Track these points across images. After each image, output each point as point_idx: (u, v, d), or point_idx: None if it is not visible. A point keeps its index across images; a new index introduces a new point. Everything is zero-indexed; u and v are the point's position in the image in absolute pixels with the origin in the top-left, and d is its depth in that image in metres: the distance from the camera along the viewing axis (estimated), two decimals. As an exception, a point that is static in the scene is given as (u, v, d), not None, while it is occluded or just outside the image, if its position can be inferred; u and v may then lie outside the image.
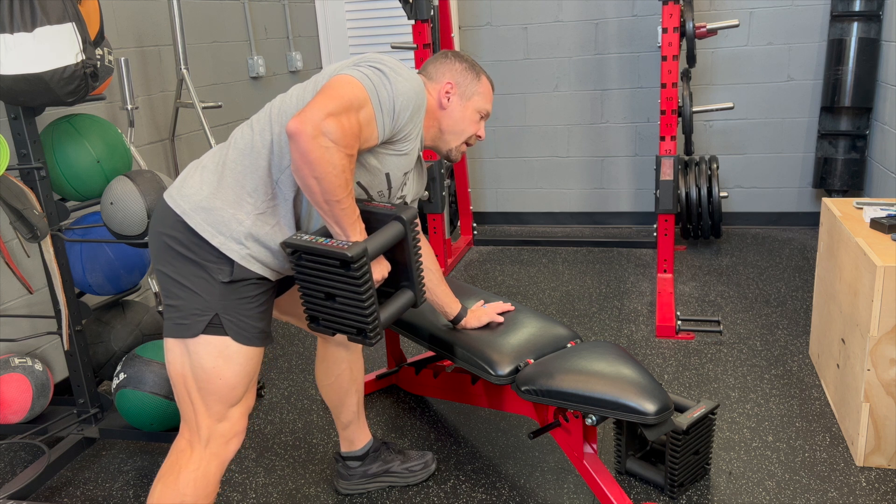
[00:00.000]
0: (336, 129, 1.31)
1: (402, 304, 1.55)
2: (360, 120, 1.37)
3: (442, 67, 1.66)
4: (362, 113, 1.38)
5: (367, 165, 1.51)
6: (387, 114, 1.42)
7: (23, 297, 2.50)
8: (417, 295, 1.57)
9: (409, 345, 2.91)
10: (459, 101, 1.65)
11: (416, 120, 1.50)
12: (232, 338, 1.44)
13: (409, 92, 1.45)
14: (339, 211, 1.37)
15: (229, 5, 3.69)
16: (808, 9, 3.90)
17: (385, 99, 1.41)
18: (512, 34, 4.32)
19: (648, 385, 1.71)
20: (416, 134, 1.53)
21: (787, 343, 2.82)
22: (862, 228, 2.18)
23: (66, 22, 1.84)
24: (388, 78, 1.42)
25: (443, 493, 2.04)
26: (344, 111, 1.34)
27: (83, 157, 2.13)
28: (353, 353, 1.96)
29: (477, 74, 1.68)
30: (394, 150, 1.51)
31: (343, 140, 1.32)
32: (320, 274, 1.43)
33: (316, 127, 1.29)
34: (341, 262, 1.38)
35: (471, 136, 1.69)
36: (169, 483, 1.47)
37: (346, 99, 1.36)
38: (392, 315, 1.52)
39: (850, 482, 1.99)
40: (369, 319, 1.43)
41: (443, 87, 1.63)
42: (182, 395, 1.48)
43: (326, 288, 1.44)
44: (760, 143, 4.18)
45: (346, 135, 1.33)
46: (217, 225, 1.43)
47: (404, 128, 1.47)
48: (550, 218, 4.63)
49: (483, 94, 1.68)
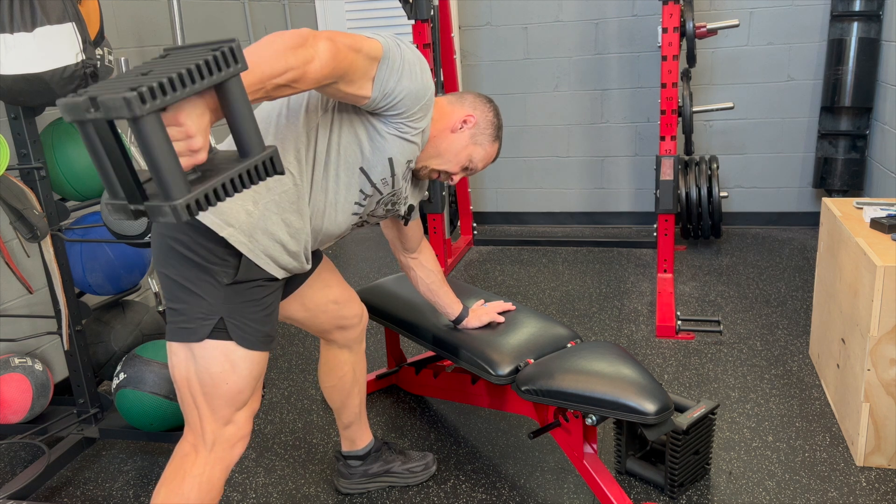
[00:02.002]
0: (330, 50, 1.24)
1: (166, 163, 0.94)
2: (357, 62, 1.32)
3: (476, 102, 1.67)
4: (364, 60, 1.33)
5: (368, 147, 1.48)
6: (393, 71, 1.38)
7: (23, 297, 2.50)
8: (184, 194, 0.95)
9: (409, 345, 2.91)
10: (468, 138, 1.64)
11: (419, 100, 1.46)
12: (237, 342, 1.42)
13: (416, 66, 1.42)
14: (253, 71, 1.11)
15: (229, 5, 3.69)
16: (808, 9, 3.90)
17: (395, 59, 1.38)
18: (512, 34, 4.32)
19: (648, 385, 1.71)
20: (421, 119, 1.50)
21: (787, 343, 2.82)
22: (862, 228, 2.18)
23: (66, 22, 1.84)
24: (399, 46, 1.41)
25: (443, 493, 2.04)
26: (351, 48, 1.29)
27: (83, 157, 2.13)
28: (356, 354, 1.96)
29: (496, 136, 1.69)
30: (396, 130, 1.48)
31: (328, 60, 1.24)
32: (169, 57, 1.04)
33: (317, 35, 1.23)
34: (218, 47, 0.99)
35: (449, 172, 1.67)
36: (173, 487, 1.46)
37: (358, 42, 1.31)
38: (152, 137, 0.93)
39: (850, 482, 1.99)
40: (161, 81, 0.91)
41: (465, 114, 1.63)
42: (186, 399, 1.46)
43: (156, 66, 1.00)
44: (760, 143, 4.18)
45: (334, 59, 1.25)
46: (224, 216, 1.39)
47: (404, 101, 1.43)
48: (550, 218, 4.63)
49: (486, 153, 1.69)
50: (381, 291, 2.40)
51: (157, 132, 0.94)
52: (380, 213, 1.67)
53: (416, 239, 1.93)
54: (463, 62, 4.41)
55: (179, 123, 0.99)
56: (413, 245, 1.94)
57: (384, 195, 1.60)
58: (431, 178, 1.71)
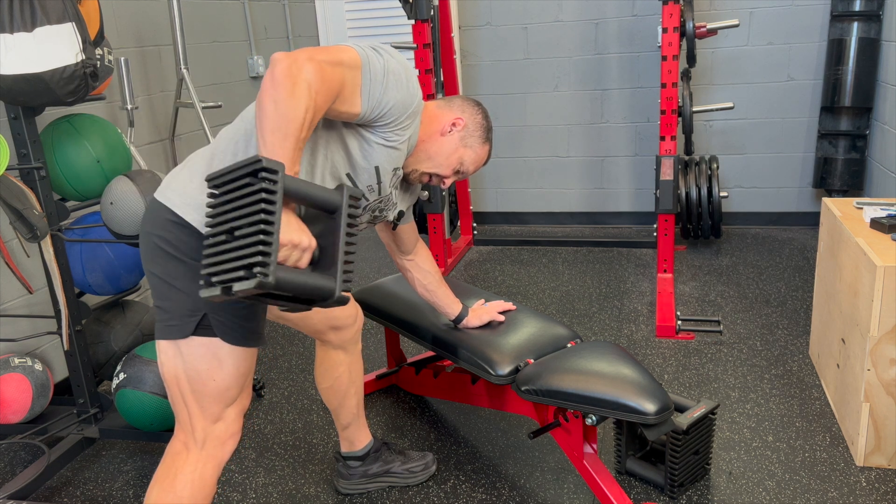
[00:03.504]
0: (316, 71, 1.27)
1: (314, 283, 1.24)
2: (345, 78, 1.34)
3: (465, 105, 1.67)
4: (349, 73, 1.36)
5: (353, 160, 1.49)
6: (376, 83, 1.40)
7: (23, 297, 2.50)
8: (337, 286, 1.25)
9: (409, 345, 2.92)
10: (457, 141, 1.64)
11: (406, 108, 1.48)
12: (221, 338, 1.43)
13: (401, 75, 1.44)
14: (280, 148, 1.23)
15: (229, 5, 3.69)
16: (808, 9, 3.90)
17: (376, 70, 1.40)
18: (512, 34, 4.32)
19: (648, 385, 1.71)
20: (407, 127, 1.51)
21: (787, 343, 2.82)
22: (862, 228, 2.18)
23: (65, 22, 1.84)
24: (381, 56, 1.43)
25: (443, 493, 2.04)
26: (330, 63, 1.32)
27: (83, 157, 2.13)
28: (351, 355, 1.96)
29: (486, 137, 1.69)
30: (382, 139, 1.49)
31: (319, 83, 1.28)
32: (230, 203, 1.20)
33: (297, 61, 1.26)
34: (252, 170, 1.16)
35: (440, 175, 1.67)
36: (165, 486, 1.46)
37: (337, 56, 1.34)
38: (296, 281, 1.21)
39: (850, 482, 1.99)
40: (259, 248, 1.14)
41: (454, 117, 1.64)
42: (176, 397, 1.47)
43: (231, 220, 1.19)
44: (760, 143, 4.18)
45: (324, 79, 1.29)
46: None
47: (392, 111, 1.45)
48: (550, 218, 4.63)
49: (477, 155, 1.69)
50: (381, 291, 2.40)
51: (286, 272, 1.19)
52: (366, 219, 1.68)
53: (410, 242, 1.93)
54: (463, 62, 4.41)
55: (291, 245, 1.21)
56: (408, 247, 1.94)
57: (370, 202, 1.60)
58: (423, 181, 1.71)
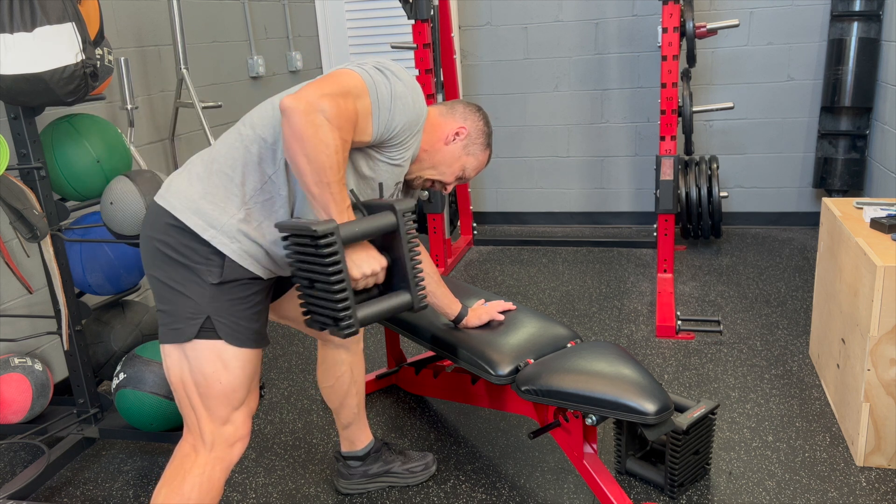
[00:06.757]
0: (331, 108, 1.30)
1: (393, 304, 1.44)
2: (357, 107, 1.37)
3: (466, 112, 1.68)
4: (359, 102, 1.37)
5: (360, 172, 1.50)
6: (384, 110, 1.42)
7: (23, 297, 2.50)
8: (414, 297, 1.44)
9: (409, 345, 2.91)
10: (461, 149, 1.66)
11: (413, 129, 1.50)
12: (225, 340, 1.43)
13: (407, 97, 1.46)
14: (329, 196, 1.33)
15: (229, 5, 3.69)
16: (808, 9, 3.90)
17: (384, 95, 1.41)
18: (512, 34, 4.32)
19: (648, 385, 1.71)
20: (411, 145, 1.53)
21: (787, 343, 2.82)
22: (862, 228, 2.18)
23: (65, 22, 1.84)
24: (387, 78, 1.43)
25: (443, 493, 2.04)
26: (341, 95, 1.33)
27: (83, 157, 2.13)
28: (353, 354, 1.96)
29: (487, 143, 1.71)
30: (387, 158, 1.51)
31: (337, 120, 1.30)
32: (303, 257, 1.36)
33: (310, 104, 1.28)
34: (310, 237, 1.31)
35: (443, 182, 1.69)
36: (174, 487, 1.46)
37: (344, 85, 1.36)
38: (377, 312, 1.41)
39: (850, 482, 1.99)
40: (339, 306, 1.33)
41: (458, 126, 1.65)
42: (183, 401, 1.47)
43: (309, 273, 1.37)
44: (760, 143, 4.18)
45: (340, 115, 1.31)
46: (207, 218, 1.42)
47: (400, 134, 1.47)
48: (550, 218, 4.63)
49: (478, 162, 1.71)
50: (381, 291, 2.40)
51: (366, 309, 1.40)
52: None
53: None
54: (463, 62, 4.41)
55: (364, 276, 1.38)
56: None
57: None
58: (425, 187, 1.73)
